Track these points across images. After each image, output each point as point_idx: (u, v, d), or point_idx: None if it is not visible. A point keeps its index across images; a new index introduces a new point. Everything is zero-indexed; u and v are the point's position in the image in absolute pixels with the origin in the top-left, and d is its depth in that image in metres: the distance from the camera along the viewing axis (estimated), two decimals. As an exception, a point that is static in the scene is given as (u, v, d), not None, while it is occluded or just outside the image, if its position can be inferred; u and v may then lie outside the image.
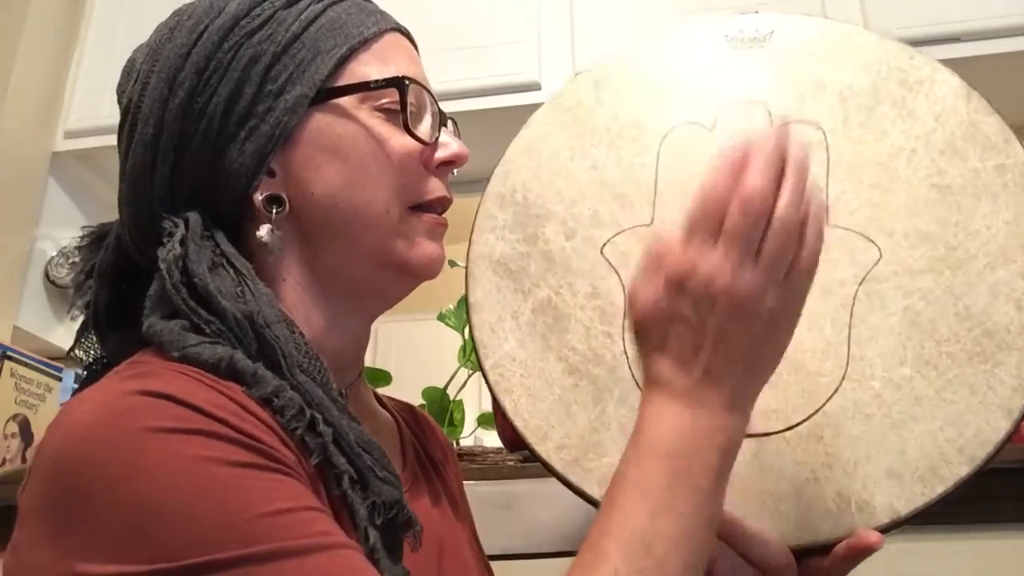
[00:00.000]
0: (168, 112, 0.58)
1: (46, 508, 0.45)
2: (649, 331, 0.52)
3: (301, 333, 0.56)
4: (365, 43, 0.61)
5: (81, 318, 0.65)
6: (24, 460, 1.44)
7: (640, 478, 0.49)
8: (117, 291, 0.63)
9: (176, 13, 0.62)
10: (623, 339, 0.63)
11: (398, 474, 0.55)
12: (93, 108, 2.03)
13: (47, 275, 2.00)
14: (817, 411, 0.59)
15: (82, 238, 0.66)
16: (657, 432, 0.50)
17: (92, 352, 0.65)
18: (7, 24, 1.98)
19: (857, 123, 0.65)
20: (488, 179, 0.71)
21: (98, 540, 0.43)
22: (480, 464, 1.35)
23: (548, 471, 0.63)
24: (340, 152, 0.59)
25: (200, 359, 0.51)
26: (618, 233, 0.66)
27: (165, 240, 0.56)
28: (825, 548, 0.57)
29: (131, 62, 0.63)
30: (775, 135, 0.49)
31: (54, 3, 2.10)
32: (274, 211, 0.59)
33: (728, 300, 0.48)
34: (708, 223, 0.49)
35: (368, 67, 0.61)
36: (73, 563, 0.43)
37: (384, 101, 0.60)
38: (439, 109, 0.64)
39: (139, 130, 0.59)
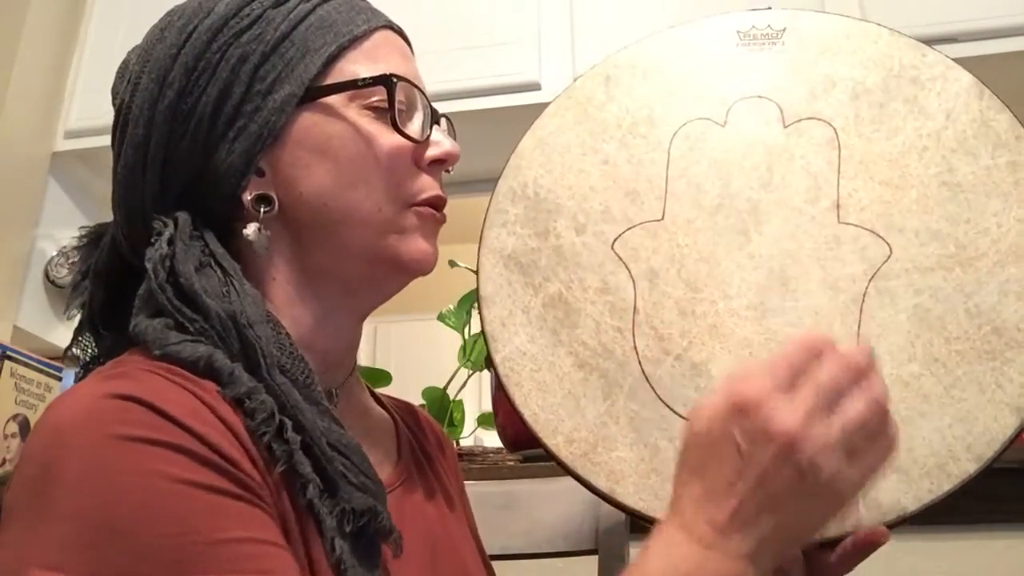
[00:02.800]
0: (158, 113, 0.58)
1: (17, 507, 0.46)
2: (692, 449, 0.49)
3: (287, 334, 0.56)
4: (355, 41, 0.61)
5: (78, 318, 0.65)
6: (24, 460, 1.45)
7: None
8: (112, 291, 0.63)
9: (168, 14, 0.62)
10: (633, 334, 0.64)
11: (380, 478, 0.55)
12: (93, 108, 2.03)
13: (47, 275, 2.00)
14: None
15: (80, 238, 0.66)
16: (659, 567, 0.47)
17: (89, 351, 0.65)
18: (7, 24, 1.97)
19: (868, 120, 0.65)
20: (490, 178, 0.71)
21: (50, 546, 0.43)
22: (480, 464, 1.36)
23: (557, 464, 0.63)
24: (329, 151, 0.59)
25: (179, 357, 0.51)
26: (629, 228, 0.66)
27: (153, 240, 0.56)
28: (831, 543, 0.57)
29: (125, 63, 0.64)
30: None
31: (54, 3, 2.10)
32: (262, 210, 0.59)
33: (787, 444, 0.45)
34: (796, 368, 0.47)
35: (357, 65, 0.61)
36: (26, 567, 0.43)
37: (373, 99, 0.60)
38: (431, 107, 0.64)
39: (130, 131, 0.59)
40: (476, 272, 0.68)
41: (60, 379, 1.58)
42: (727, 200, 0.65)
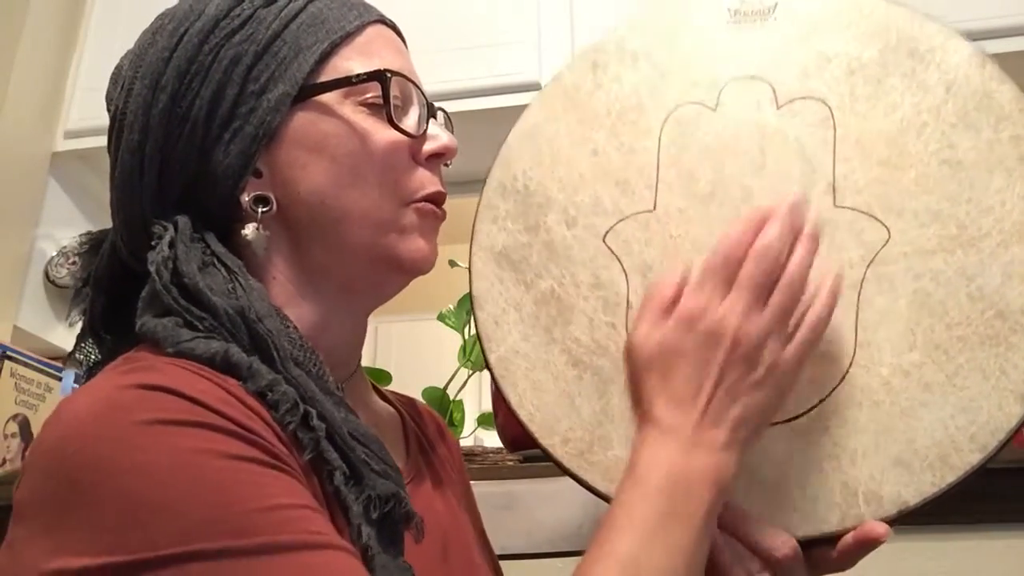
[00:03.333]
0: (152, 117, 0.58)
1: (39, 503, 0.45)
2: (652, 367, 0.55)
3: (295, 327, 0.56)
4: (347, 37, 0.61)
5: (80, 325, 0.65)
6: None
7: (633, 512, 0.51)
8: (113, 297, 0.63)
9: (159, 17, 0.62)
10: (627, 330, 0.62)
11: (398, 466, 0.55)
12: (93, 108, 2.02)
13: (47, 275, 2.00)
14: (823, 399, 0.58)
15: (80, 244, 0.67)
16: (651, 471, 0.52)
17: (92, 357, 0.65)
18: (7, 24, 1.97)
19: (864, 97, 0.62)
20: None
21: (89, 534, 0.43)
22: (480, 464, 1.35)
23: (554, 464, 0.63)
24: (325, 150, 0.59)
25: (195, 354, 0.51)
26: (620, 220, 0.64)
27: (154, 244, 0.56)
28: (832, 539, 0.56)
29: (118, 69, 0.64)
30: (791, 208, 0.55)
31: (54, 3, 2.10)
32: (260, 211, 0.58)
33: (734, 341, 0.52)
34: (724, 271, 0.54)
35: (350, 62, 0.61)
36: (64, 557, 0.43)
37: (368, 95, 0.60)
38: (427, 101, 0.64)
39: (125, 136, 0.59)
40: (469, 270, 0.67)
41: (60, 379, 1.59)
42: (720, 187, 0.63)
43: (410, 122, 0.62)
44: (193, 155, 0.58)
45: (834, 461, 0.57)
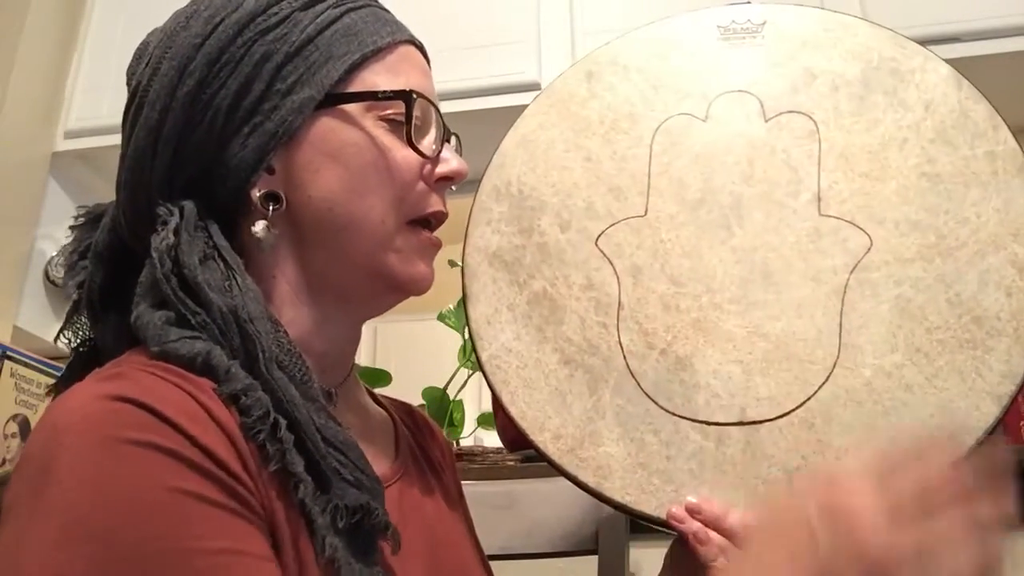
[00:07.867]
0: (175, 100, 0.58)
1: (13, 507, 0.46)
2: (760, 528, 0.48)
3: (285, 332, 0.56)
4: (377, 52, 0.62)
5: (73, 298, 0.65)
6: (24, 460, 1.46)
7: None
8: (112, 272, 0.63)
9: (193, 2, 0.62)
10: (617, 330, 0.64)
11: (377, 475, 0.55)
12: (93, 108, 2.03)
13: (47, 275, 2.00)
14: (809, 398, 0.60)
15: (77, 217, 0.66)
16: None
17: (81, 333, 0.65)
18: (7, 24, 1.98)
19: (848, 112, 0.65)
20: (485, 177, 0.71)
21: (36, 542, 0.43)
22: (480, 464, 1.36)
23: (544, 460, 0.64)
24: (342, 158, 0.59)
25: (177, 354, 0.51)
26: (612, 224, 0.66)
27: (159, 228, 0.56)
28: None
29: (144, 45, 0.64)
30: None
31: (54, 3, 2.11)
32: (271, 208, 0.59)
33: (857, 541, 0.41)
34: (898, 476, 0.43)
35: (378, 76, 0.61)
36: (17, 565, 0.43)
37: (390, 112, 0.61)
38: (444, 124, 0.64)
39: (144, 114, 0.59)
40: (462, 271, 0.69)
41: (60, 379, 1.59)
42: (709, 195, 0.65)
43: (426, 143, 0.62)
44: (210, 143, 0.58)
45: (819, 457, 0.59)
